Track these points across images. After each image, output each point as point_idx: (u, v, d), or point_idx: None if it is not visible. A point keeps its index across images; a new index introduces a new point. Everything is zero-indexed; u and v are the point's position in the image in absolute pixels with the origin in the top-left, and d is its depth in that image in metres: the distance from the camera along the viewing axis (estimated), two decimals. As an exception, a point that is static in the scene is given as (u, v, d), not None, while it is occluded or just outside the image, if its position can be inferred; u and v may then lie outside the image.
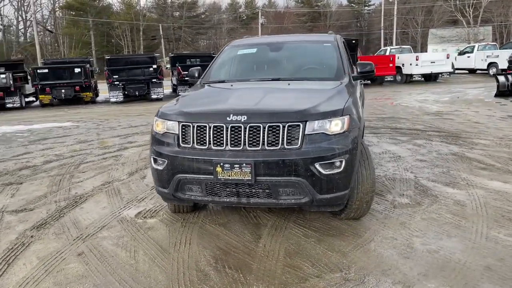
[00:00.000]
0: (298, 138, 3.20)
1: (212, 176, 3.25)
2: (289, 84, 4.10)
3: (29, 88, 19.49)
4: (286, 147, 3.19)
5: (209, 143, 3.31)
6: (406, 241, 3.37)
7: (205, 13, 69.10)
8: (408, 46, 29.29)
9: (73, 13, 54.34)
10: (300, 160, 3.15)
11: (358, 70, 4.41)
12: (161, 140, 3.54)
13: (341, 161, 3.23)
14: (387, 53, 24.88)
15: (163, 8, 62.92)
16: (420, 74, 22.68)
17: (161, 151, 3.49)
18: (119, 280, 2.94)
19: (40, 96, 18.62)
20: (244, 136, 3.23)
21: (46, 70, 18.52)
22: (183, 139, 3.41)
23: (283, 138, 3.19)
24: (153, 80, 18.74)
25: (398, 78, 22.73)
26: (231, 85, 4.31)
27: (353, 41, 19.81)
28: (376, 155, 6.18)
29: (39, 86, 18.24)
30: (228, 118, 3.27)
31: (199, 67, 4.88)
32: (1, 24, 59.89)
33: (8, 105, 18.05)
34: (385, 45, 47.02)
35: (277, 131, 3.20)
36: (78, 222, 4.03)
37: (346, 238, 3.46)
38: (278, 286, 2.80)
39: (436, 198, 4.27)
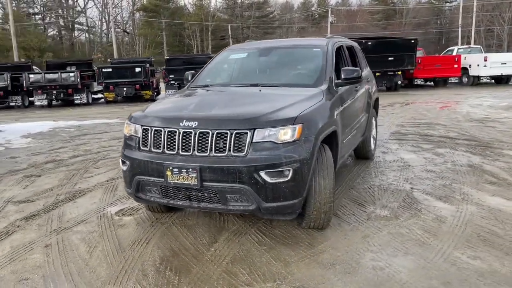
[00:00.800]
0: (245, 146, 3.21)
1: (163, 180, 3.37)
2: (260, 91, 4.10)
3: (97, 86, 21.00)
4: (232, 154, 3.22)
5: (163, 147, 3.42)
6: (357, 255, 3.25)
7: (273, 12, 69.52)
8: (478, 46, 27.36)
9: (150, 14, 57.19)
10: (244, 167, 3.16)
11: (343, 76, 4.29)
12: (127, 142, 3.72)
13: (288, 170, 3.20)
14: (454, 53, 23.47)
15: (233, 9, 64.24)
16: (489, 76, 21.22)
17: (125, 153, 3.67)
18: (66, 273, 3.15)
19: (104, 93, 19.97)
20: (194, 142, 3.30)
21: (110, 70, 19.75)
22: (143, 142, 3.56)
23: (230, 145, 3.22)
24: None
25: (465, 79, 21.43)
26: (207, 90, 4.39)
27: (412, 41, 19.16)
28: (385, 163, 5.95)
29: (104, 84, 19.55)
30: (181, 124, 3.37)
31: (193, 71, 5.03)
32: (86, 25, 64.60)
33: (76, 101, 19.63)
34: (464, 43, 44.26)
35: (225, 138, 3.23)
36: (63, 215, 4.34)
37: (298, 248, 3.41)
38: (206, 292, 2.85)
39: (418, 212, 4.06)
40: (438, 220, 3.86)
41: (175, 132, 3.37)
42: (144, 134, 3.56)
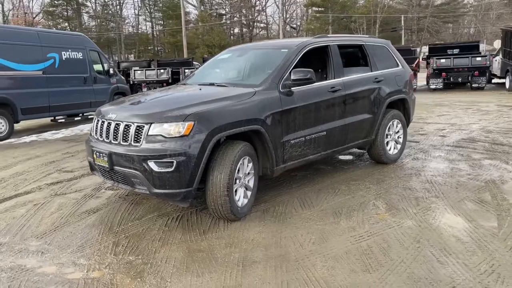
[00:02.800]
0: (141, 138, 3.73)
1: (93, 161, 4.13)
2: (200, 90, 4.47)
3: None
4: (132, 143, 3.77)
5: (96, 134, 4.17)
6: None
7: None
8: None
9: (318, 9, 58.30)
10: (137, 156, 3.69)
11: (291, 77, 4.35)
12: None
13: (172, 162, 3.60)
14: None
15: (408, -2, 60.72)
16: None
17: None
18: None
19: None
20: (110, 131, 3.96)
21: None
22: (94, 131, 4.35)
23: (131, 136, 3.78)
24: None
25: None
26: (175, 87, 4.94)
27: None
28: (399, 170, 5.58)
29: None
30: (107, 116, 4.06)
31: (193, 71, 5.60)
32: (265, 23, 69.34)
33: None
34: None
35: (129, 130, 3.80)
36: (70, 186, 5.47)
37: (189, 232, 3.78)
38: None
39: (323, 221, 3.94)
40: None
41: (103, 122, 4.08)
42: (95, 123, 4.35)
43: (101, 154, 3.97)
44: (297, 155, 4.55)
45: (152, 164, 3.63)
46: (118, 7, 68.46)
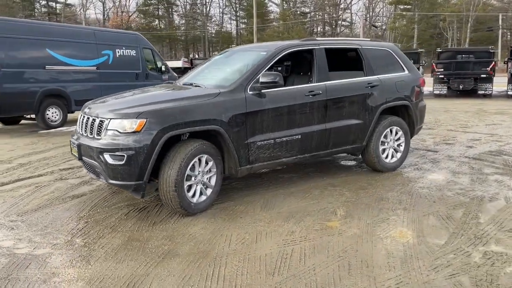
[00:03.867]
0: (101, 132, 4.05)
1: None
2: (173, 89, 4.70)
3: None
4: (96, 137, 4.11)
5: (77, 127, 4.58)
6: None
7: None
8: None
9: (403, 7, 55.98)
10: (95, 148, 4.03)
11: (260, 79, 4.43)
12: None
13: (123, 156, 3.88)
14: None
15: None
16: None
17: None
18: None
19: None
20: (83, 124, 4.34)
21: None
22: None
23: (95, 129, 4.12)
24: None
25: None
26: (157, 87, 5.21)
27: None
28: (391, 179, 5.39)
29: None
30: (84, 110, 4.45)
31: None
32: (350, 22, 68.13)
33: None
34: None
35: (94, 124, 4.15)
36: (76, 173, 6.00)
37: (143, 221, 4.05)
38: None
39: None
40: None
41: (81, 116, 4.47)
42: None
43: (74, 145, 4.38)
44: (266, 157, 4.61)
45: (107, 157, 3.93)
46: (205, 6, 71.25)
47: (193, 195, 4.20)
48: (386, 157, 5.66)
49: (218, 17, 77.45)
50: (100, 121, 4.08)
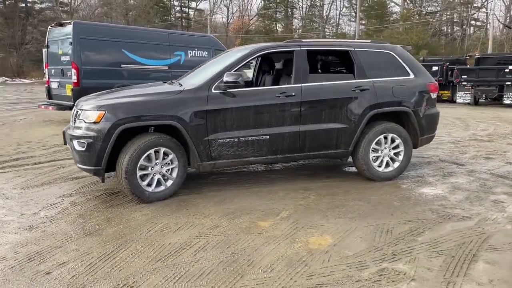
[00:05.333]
0: (76, 121, 4.61)
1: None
2: (152, 86, 5.09)
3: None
4: (72, 125, 4.69)
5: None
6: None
7: None
8: None
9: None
10: (69, 136, 4.61)
11: (224, 80, 4.60)
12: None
13: (84, 143, 4.39)
14: None
15: None
16: None
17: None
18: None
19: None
20: (72, 115, 4.95)
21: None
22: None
23: (73, 119, 4.70)
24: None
25: None
26: (147, 85, 5.63)
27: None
28: (377, 188, 5.14)
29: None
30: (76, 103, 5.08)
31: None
32: (485, 21, 62.41)
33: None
34: None
35: (75, 115, 4.72)
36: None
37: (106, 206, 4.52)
38: None
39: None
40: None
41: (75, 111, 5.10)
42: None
43: (63, 132, 5.02)
44: (231, 154, 4.75)
45: (75, 143, 4.47)
46: (325, 7, 71.06)
47: (150, 185, 4.53)
48: (380, 165, 5.36)
49: (336, 18, 76.73)
50: (77, 112, 4.63)
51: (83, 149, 4.38)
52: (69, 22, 10.71)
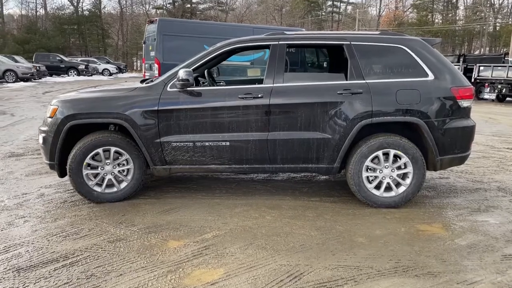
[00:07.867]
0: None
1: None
2: (125, 82, 4.82)
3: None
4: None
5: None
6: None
7: None
8: None
9: None
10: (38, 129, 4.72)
11: (179, 77, 4.17)
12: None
13: (41, 137, 4.43)
14: None
15: None
16: None
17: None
18: (38, 166, 5.95)
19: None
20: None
21: None
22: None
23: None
24: None
25: None
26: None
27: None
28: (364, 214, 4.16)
29: None
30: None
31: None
32: None
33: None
34: None
35: (48, 110, 4.81)
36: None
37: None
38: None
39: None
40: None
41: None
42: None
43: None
44: (187, 160, 4.32)
45: (40, 137, 4.54)
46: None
47: (100, 185, 4.36)
48: (378, 187, 4.32)
49: (509, 7, 66.60)
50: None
51: (41, 142, 4.42)
52: (156, 19, 11.23)
